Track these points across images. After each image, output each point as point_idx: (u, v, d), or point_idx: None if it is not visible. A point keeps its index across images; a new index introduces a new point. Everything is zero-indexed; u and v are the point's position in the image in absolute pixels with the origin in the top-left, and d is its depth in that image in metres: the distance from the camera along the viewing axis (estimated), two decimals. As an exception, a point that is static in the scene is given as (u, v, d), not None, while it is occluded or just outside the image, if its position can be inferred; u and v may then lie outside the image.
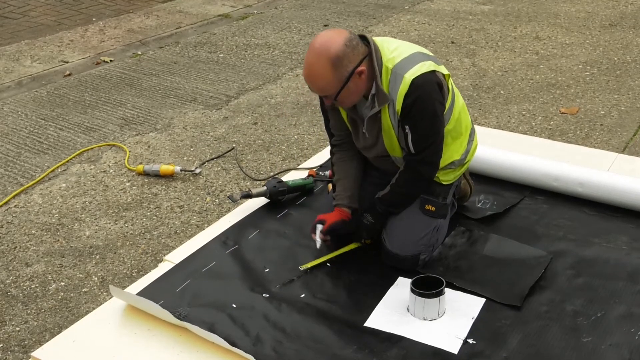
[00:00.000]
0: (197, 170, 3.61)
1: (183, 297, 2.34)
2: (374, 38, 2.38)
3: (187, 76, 4.99)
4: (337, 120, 2.54)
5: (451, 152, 2.45)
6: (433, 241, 2.48)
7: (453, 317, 2.22)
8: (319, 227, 2.49)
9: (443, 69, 2.36)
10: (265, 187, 2.88)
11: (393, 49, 2.30)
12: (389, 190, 2.45)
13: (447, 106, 2.35)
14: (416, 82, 2.23)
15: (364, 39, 2.28)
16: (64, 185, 3.56)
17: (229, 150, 3.84)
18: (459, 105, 2.44)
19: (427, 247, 2.45)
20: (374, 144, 2.45)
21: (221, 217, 3.02)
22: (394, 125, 2.33)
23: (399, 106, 2.27)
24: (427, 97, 2.26)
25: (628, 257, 2.49)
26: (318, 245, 2.49)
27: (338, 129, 2.56)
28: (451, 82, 2.41)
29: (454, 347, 2.10)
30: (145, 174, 3.60)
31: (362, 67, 2.22)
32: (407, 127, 2.29)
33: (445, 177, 2.49)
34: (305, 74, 2.24)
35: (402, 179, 2.42)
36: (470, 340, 2.12)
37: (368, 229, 2.51)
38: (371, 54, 2.26)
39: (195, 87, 4.79)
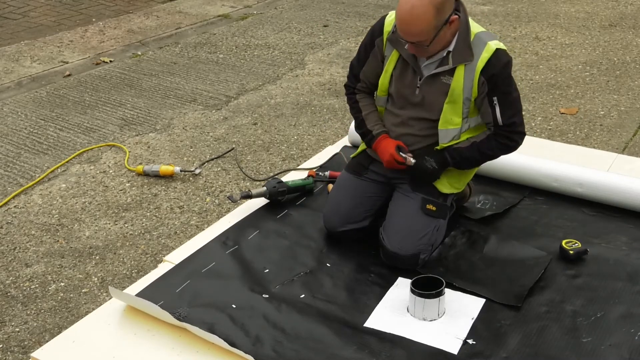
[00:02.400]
0: (197, 171, 3.61)
1: (183, 298, 2.34)
2: None
3: (186, 77, 4.99)
4: (374, 69, 2.51)
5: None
6: (433, 241, 2.48)
7: (453, 318, 2.22)
8: (403, 154, 2.47)
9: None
10: (265, 188, 2.88)
11: (470, 20, 2.35)
12: (470, 145, 2.42)
13: None
14: (500, 52, 2.30)
15: None
16: (64, 185, 3.56)
17: (229, 151, 3.84)
18: None
19: (426, 247, 2.45)
20: (420, 104, 2.43)
21: (221, 217, 3.02)
22: (465, 91, 2.33)
23: (478, 70, 2.29)
24: (510, 68, 2.34)
25: (627, 257, 2.50)
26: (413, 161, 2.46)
27: (369, 76, 2.54)
28: None
29: (453, 348, 2.10)
30: (145, 174, 3.60)
31: (455, 16, 2.25)
32: (494, 98, 2.32)
33: (459, 184, 2.54)
34: (402, 16, 2.20)
35: (491, 141, 2.41)
36: (469, 341, 2.13)
37: (428, 173, 2.45)
38: (464, 8, 2.30)
39: (195, 87, 4.79)
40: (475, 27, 2.35)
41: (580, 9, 6.38)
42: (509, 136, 2.41)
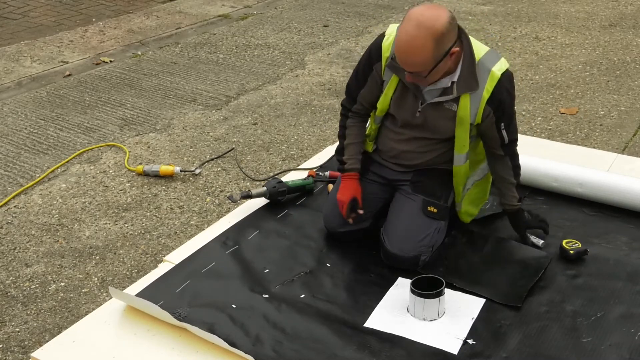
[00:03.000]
0: (197, 171, 3.61)
1: (183, 298, 2.34)
2: None
3: (186, 77, 4.99)
4: (372, 92, 2.47)
5: (480, 151, 2.54)
6: (433, 242, 2.48)
7: (453, 318, 2.22)
8: (357, 211, 2.52)
9: None
10: (265, 188, 2.88)
11: (473, 41, 2.31)
12: (514, 184, 2.48)
13: None
14: (504, 78, 2.29)
15: None
16: (64, 185, 3.56)
17: (229, 151, 3.84)
18: None
19: (427, 249, 2.45)
20: (422, 125, 2.42)
21: (221, 217, 3.02)
22: (471, 117, 2.33)
23: (484, 100, 2.29)
24: (513, 88, 2.37)
25: (628, 257, 2.50)
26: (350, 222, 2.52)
27: (367, 100, 2.51)
28: None
29: (453, 348, 2.10)
30: (145, 174, 3.60)
31: (456, 48, 2.20)
32: (502, 124, 2.35)
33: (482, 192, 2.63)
34: (402, 47, 2.16)
35: (511, 166, 2.46)
36: (470, 341, 2.13)
37: (529, 223, 2.57)
38: (467, 39, 2.27)
39: (195, 87, 4.79)
40: (478, 51, 2.29)
41: (581, 9, 6.38)
42: (513, 151, 2.46)
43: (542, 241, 2.54)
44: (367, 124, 2.64)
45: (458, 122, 2.35)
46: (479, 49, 2.30)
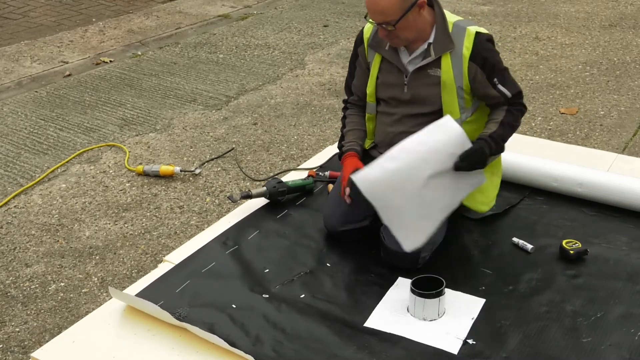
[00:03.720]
0: (197, 171, 3.61)
1: (183, 298, 2.34)
2: None
3: (186, 77, 5.00)
4: (363, 81, 2.56)
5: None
6: (433, 240, 2.47)
7: (453, 318, 2.22)
8: (347, 190, 2.50)
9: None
10: (265, 188, 2.88)
11: (445, 10, 2.39)
12: (500, 126, 2.42)
13: None
14: (482, 34, 2.34)
15: None
16: (64, 185, 3.56)
17: (229, 151, 3.84)
18: None
19: (427, 246, 2.45)
20: (411, 101, 2.45)
21: (221, 217, 3.02)
22: (456, 80, 2.36)
23: (466, 57, 2.33)
24: (494, 44, 2.40)
25: (628, 257, 2.49)
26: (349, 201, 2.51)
27: (360, 89, 2.59)
28: None
29: (453, 348, 2.10)
30: (145, 174, 3.60)
31: (423, 1, 2.28)
32: (495, 80, 2.37)
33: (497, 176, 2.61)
34: None
35: (510, 113, 2.43)
36: (470, 341, 2.13)
37: (484, 158, 2.39)
38: (438, 4, 2.34)
39: (195, 87, 4.79)
40: (452, 17, 2.39)
41: (580, 9, 6.38)
42: (520, 103, 2.46)
43: (532, 246, 2.53)
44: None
45: (443, 87, 2.39)
46: (453, 16, 2.40)
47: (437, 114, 2.45)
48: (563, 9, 6.39)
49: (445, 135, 2.29)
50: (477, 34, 2.35)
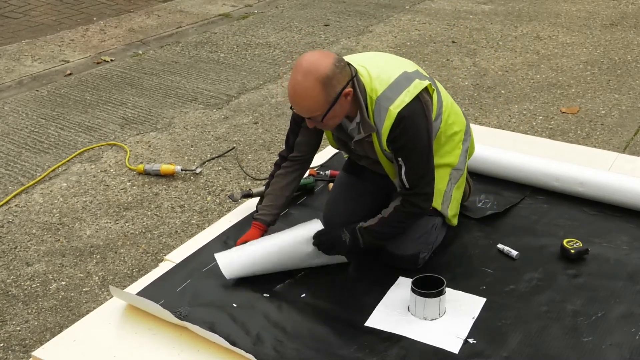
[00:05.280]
0: (198, 170, 3.61)
1: (183, 297, 2.34)
2: (354, 55, 2.37)
3: (187, 76, 5.00)
4: (308, 139, 2.47)
5: (443, 154, 2.44)
6: (432, 239, 2.47)
7: (454, 317, 2.22)
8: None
9: (426, 82, 2.28)
10: (265, 187, 2.88)
11: (376, 76, 2.24)
12: (379, 222, 2.34)
13: (435, 115, 2.33)
14: (402, 115, 2.19)
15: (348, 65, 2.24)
16: (65, 184, 3.56)
17: (230, 150, 3.85)
18: (448, 108, 2.42)
19: (425, 246, 2.45)
20: (366, 155, 2.42)
21: (222, 216, 3.02)
22: (385, 154, 2.31)
23: (384, 138, 2.23)
24: (415, 129, 2.22)
25: (628, 257, 2.49)
26: None
27: (303, 146, 2.49)
28: (438, 85, 2.41)
29: (454, 347, 2.10)
30: (146, 173, 3.60)
31: (348, 89, 2.17)
32: (400, 159, 2.25)
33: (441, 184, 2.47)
34: (291, 94, 2.17)
35: (398, 214, 2.32)
36: (470, 340, 2.13)
37: (340, 244, 2.37)
38: (355, 82, 2.21)
39: (196, 86, 4.79)
40: (380, 86, 2.22)
41: (582, 8, 6.38)
42: (412, 201, 2.30)
43: (517, 252, 2.50)
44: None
45: (378, 154, 2.33)
46: (382, 82, 2.23)
47: None
48: (564, 8, 6.39)
49: (307, 229, 2.41)
50: (398, 114, 2.18)
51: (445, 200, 2.48)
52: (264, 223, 2.52)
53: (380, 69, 2.27)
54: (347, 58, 2.33)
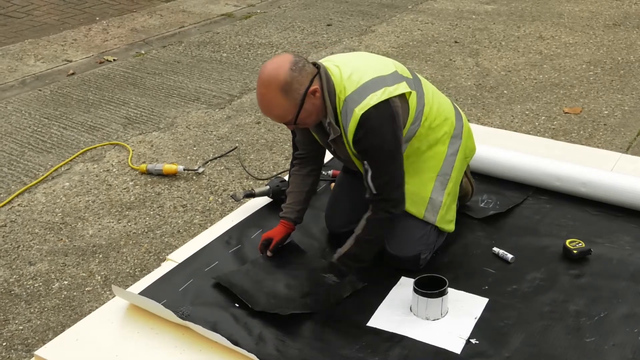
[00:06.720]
0: (200, 170, 3.61)
1: (186, 296, 2.34)
2: (336, 55, 2.36)
3: (190, 75, 5.00)
4: (304, 136, 2.49)
5: (426, 159, 2.42)
6: (432, 240, 2.47)
7: (456, 317, 2.22)
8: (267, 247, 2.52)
9: (401, 88, 2.25)
10: (268, 187, 2.88)
11: (347, 76, 2.22)
12: (354, 242, 2.30)
13: (411, 119, 2.31)
14: (365, 116, 2.17)
15: (314, 64, 2.23)
16: (67, 184, 3.56)
17: (232, 150, 3.85)
18: (433, 112, 2.39)
19: (426, 247, 2.45)
20: (344, 155, 2.41)
21: (224, 216, 3.02)
22: (356, 155, 2.30)
23: (350, 138, 2.22)
24: (379, 132, 2.19)
25: (631, 257, 2.49)
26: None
27: (303, 144, 2.52)
28: (424, 88, 2.39)
29: (456, 347, 2.10)
30: (149, 173, 3.61)
31: (314, 86, 2.17)
32: (365, 162, 2.24)
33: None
34: (259, 106, 2.20)
35: (370, 225, 2.28)
36: (473, 340, 2.12)
37: (339, 287, 2.37)
38: (322, 80, 2.20)
39: (199, 86, 4.79)
40: (348, 87, 2.20)
41: (585, 8, 6.37)
42: (382, 207, 2.26)
43: (512, 256, 2.49)
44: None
45: (350, 155, 2.33)
46: (352, 83, 2.21)
47: None
48: (567, 8, 6.38)
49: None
50: (362, 116, 2.16)
51: (431, 208, 2.44)
52: (289, 220, 2.53)
53: (353, 69, 2.25)
54: (328, 57, 2.35)
